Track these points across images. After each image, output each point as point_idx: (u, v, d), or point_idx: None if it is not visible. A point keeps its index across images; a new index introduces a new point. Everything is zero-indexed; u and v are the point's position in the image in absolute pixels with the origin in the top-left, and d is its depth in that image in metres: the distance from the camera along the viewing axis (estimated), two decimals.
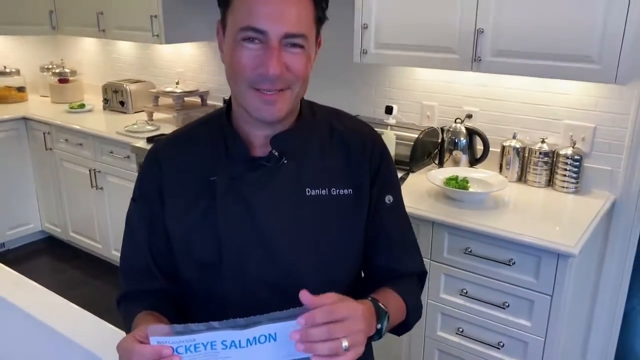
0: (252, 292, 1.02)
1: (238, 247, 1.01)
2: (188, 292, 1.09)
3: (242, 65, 0.92)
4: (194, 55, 3.39)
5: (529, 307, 1.78)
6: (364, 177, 1.07)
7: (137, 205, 1.11)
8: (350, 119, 1.14)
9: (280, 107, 0.95)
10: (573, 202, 2.06)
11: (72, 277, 3.38)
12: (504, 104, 2.30)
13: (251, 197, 1.00)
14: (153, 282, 1.08)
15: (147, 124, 3.15)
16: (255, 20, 0.89)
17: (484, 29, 1.94)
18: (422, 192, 2.11)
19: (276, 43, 0.90)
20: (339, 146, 1.08)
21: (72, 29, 3.58)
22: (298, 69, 0.93)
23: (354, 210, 1.06)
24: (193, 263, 1.04)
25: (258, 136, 1.02)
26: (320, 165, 1.05)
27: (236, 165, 1.02)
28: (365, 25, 2.22)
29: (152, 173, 1.08)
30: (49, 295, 1.33)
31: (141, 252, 1.08)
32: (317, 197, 1.03)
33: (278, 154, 1.02)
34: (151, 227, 1.08)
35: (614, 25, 1.71)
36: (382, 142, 1.13)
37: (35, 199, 3.69)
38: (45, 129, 3.41)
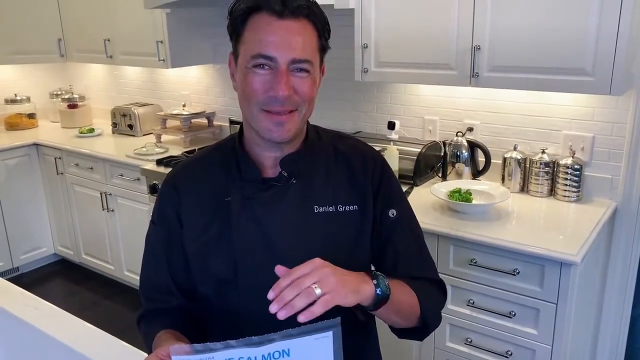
0: (266, 306, 1.07)
1: (252, 263, 1.07)
2: (205, 308, 1.15)
3: (253, 89, 1.00)
4: (200, 78, 3.47)
5: (535, 316, 1.82)
6: (367, 193, 1.14)
7: (156, 227, 1.18)
8: (352, 140, 1.22)
9: (289, 127, 1.03)
10: (575, 210, 2.10)
11: (85, 298, 3.44)
12: (503, 116, 2.36)
13: (263, 216, 1.07)
14: (172, 300, 1.15)
15: (155, 146, 3.22)
16: (265, 48, 0.98)
17: (481, 46, 2.00)
18: (426, 205, 2.15)
19: (284, 68, 0.98)
20: (343, 166, 1.15)
21: (80, 55, 3.68)
22: (304, 92, 1.02)
23: (360, 225, 1.13)
24: (210, 279, 1.11)
25: (268, 158, 1.10)
26: (327, 184, 1.12)
27: (249, 187, 1.09)
28: (365, 44, 2.28)
29: (170, 197, 1.15)
30: (67, 317, 1.38)
31: (161, 272, 1.15)
32: (324, 214, 1.09)
33: (287, 174, 1.09)
34: (170, 247, 1.15)
35: (606, 39, 1.76)
36: (382, 160, 1.20)
37: (47, 223, 3.76)
38: (56, 154, 3.49)
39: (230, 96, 3.32)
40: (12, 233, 3.58)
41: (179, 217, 1.13)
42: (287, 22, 0.99)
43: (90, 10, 3.43)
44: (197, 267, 1.12)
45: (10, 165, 3.52)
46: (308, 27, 1.01)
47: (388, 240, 1.15)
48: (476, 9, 1.98)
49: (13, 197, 3.55)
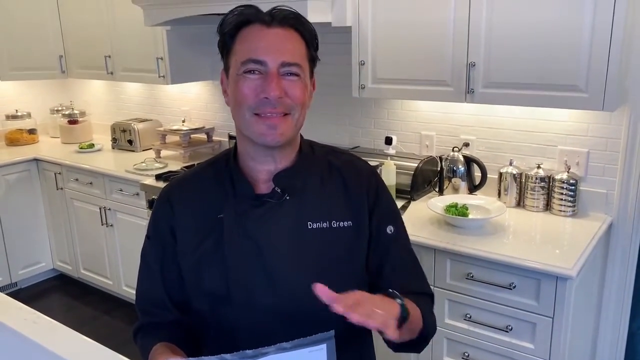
0: (259, 321, 1.08)
1: (245, 280, 1.07)
2: (199, 322, 1.15)
3: (245, 94, 1.02)
4: (199, 94, 3.50)
5: (532, 330, 1.82)
6: (362, 209, 1.14)
7: (151, 242, 1.19)
8: (346, 156, 1.22)
9: (282, 131, 1.03)
10: (571, 225, 2.11)
11: (84, 313, 3.43)
12: (499, 132, 2.38)
13: (256, 232, 1.07)
14: (167, 315, 1.15)
15: (155, 161, 3.24)
16: (254, 53, 1.01)
17: (476, 62, 2.03)
18: (423, 220, 2.17)
19: (274, 70, 1.01)
20: (337, 181, 1.15)
21: (81, 72, 3.72)
22: (296, 95, 1.03)
23: (354, 240, 1.13)
24: (203, 294, 1.11)
25: (262, 172, 1.10)
26: (321, 200, 1.12)
27: (242, 203, 1.09)
28: (362, 61, 2.32)
29: (164, 213, 1.16)
30: (66, 331, 1.38)
31: (156, 287, 1.16)
32: (318, 230, 1.09)
33: (280, 190, 1.09)
34: (164, 262, 1.15)
35: (599, 55, 1.79)
36: (377, 176, 1.21)
37: (46, 238, 3.77)
38: (56, 169, 3.51)
39: (229, 112, 3.33)
40: (11, 248, 3.59)
41: (172, 232, 1.14)
42: (275, 30, 1.03)
43: (91, 27, 3.47)
44: (191, 283, 1.12)
45: (11, 181, 3.54)
46: (296, 35, 1.05)
47: (386, 256, 1.16)
48: (471, 27, 2.02)
49: (13, 212, 3.56)
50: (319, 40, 1.10)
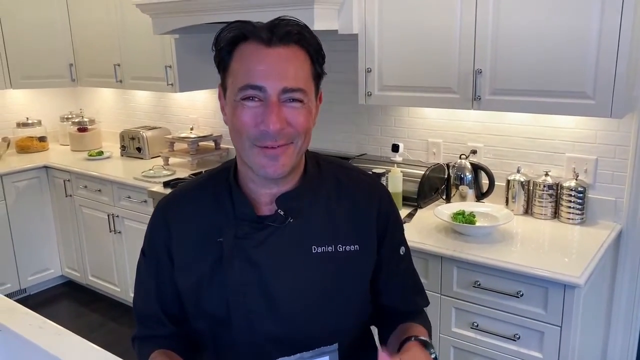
0: (260, 345, 1.05)
1: (245, 305, 1.03)
2: (198, 341, 1.14)
3: (243, 124, 0.94)
4: (207, 102, 3.52)
5: (540, 339, 1.80)
6: (370, 233, 1.09)
7: (146, 258, 1.15)
8: (357, 173, 1.16)
9: (284, 162, 0.96)
10: (579, 233, 2.09)
11: (91, 320, 3.44)
12: (506, 139, 2.37)
13: (257, 257, 1.02)
14: (163, 329, 1.14)
15: (163, 168, 3.26)
16: (252, 78, 0.92)
17: (482, 69, 2.03)
18: (430, 227, 2.16)
19: (275, 99, 0.92)
20: (346, 202, 1.09)
21: (91, 80, 3.75)
22: (299, 123, 0.95)
23: (360, 265, 1.09)
24: (203, 316, 1.08)
25: (263, 195, 1.04)
26: (326, 222, 1.06)
27: (242, 225, 1.03)
28: (368, 69, 2.32)
29: (160, 231, 1.11)
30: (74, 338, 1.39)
31: (150, 302, 1.13)
32: (323, 255, 1.04)
33: (284, 213, 1.03)
34: (159, 279, 1.12)
35: (606, 61, 1.78)
36: (388, 199, 1.15)
37: (55, 245, 3.79)
38: (65, 176, 3.54)
39: None
40: (20, 254, 3.61)
41: (169, 252, 1.09)
42: (276, 50, 0.93)
43: (101, 36, 3.51)
44: (190, 304, 1.09)
45: (21, 187, 3.57)
46: (299, 53, 0.96)
47: (396, 276, 1.16)
48: (477, 34, 2.02)
49: (22, 219, 3.59)
50: (324, 52, 1.02)
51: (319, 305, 1.04)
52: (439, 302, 1.99)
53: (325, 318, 1.06)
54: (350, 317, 1.11)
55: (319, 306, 1.04)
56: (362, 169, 1.23)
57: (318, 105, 1.04)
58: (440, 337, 2.02)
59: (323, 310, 1.05)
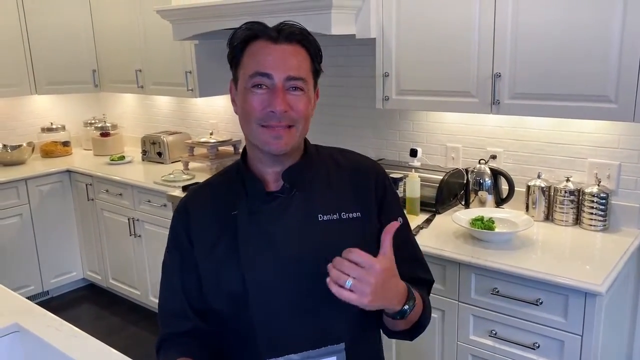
0: (277, 316, 1.11)
1: (260, 275, 1.10)
2: (219, 324, 1.17)
3: (253, 107, 1.07)
4: (227, 107, 3.54)
5: (560, 348, 1.76)
6: (370, 203, 1.19)
7: (170, 251, 1.23)
8: (352, 154, 1.27)
9: (286, 141, 1.09)
10: (601, 240, 2.05)
11: (111, 323, 3.48)
12: (527, 144, 2.33)
13: (270, 227, 1.12)
14: (187, 323, 1.18)
15: (183, 173, 3.29)
16: (262, 67, 1.07)
17: (501, 74, 2.00)
18: (448, 233, 2.13)
19: (280, 85, 1.06)
20: (344, 174, 1.20)
21: (113, 86, 3.81)
22: (300, 109, 1.08)
23: (364, 231, 1.17)
24: (222, 296, 1.14)
25: (270, 173, 1.15)
26: (329, 192, 1.17)
27: (254, 201, 1.14)
28: (386, 73, 2.31)
29: (181, 220, 1.20)
30: (89, 340, 1.40)
31: (176, 295, 1.19)
32: (329, 222, 1.14)
33: (289, 185, 1.14)
34: (183, 269, 1.19)
35: (629, 64, 1.74)
36: (383, 172, 1.26)
37: (77, 248, 3.85)
38: (88, 180, 3.60)
39: None
40: (44, 257, 3.68)
41: (189, 237, 1.17)
42: (282, 46, 1.08)
43: (123, 42, 3.57)
44: (209, 285, 1.15)
45: (44, 191, 3.64)
46: (301, 51, 1.10)
47: (401, 244, 1.19)
48: (496, 38, 1.99)
49: (45, 222, 3.66)
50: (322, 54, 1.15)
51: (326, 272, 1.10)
52: (457, 309, 1.96)
53: None
54: None
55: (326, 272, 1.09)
56: (355, 152, 1.31)
57: (316, 99, 1.17)
58: (458, 345, 1.99)
59: None
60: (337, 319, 1.11)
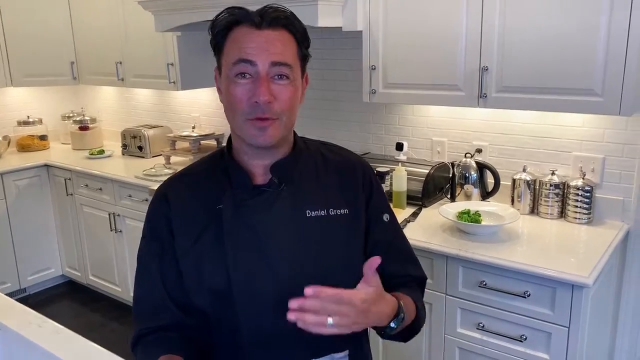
0: (261, 312, 1.08)
1: (245, 271, 1.07)
2: (202, 321, 1.12)
3: (237, 99, 1.04)
4: (209, 100, 3.50)
5: (547, 340, 1.78)
6: (357, 199, 1.17)
7: (147, 241, 1.16)
8: (338, 149, 1.26)
9: (272, 133, 1.05)
10: (586, 232, 2.06)
11: (91, 320, 3.42)
12: (512, 137, 2.34)
13: (256, 221, 1.08)
14: (167, 317, 1.11)
15: (164, 167, 3.23)
16: (244, 53, 1.03)
17: (489, 67, 2.00)
18: (435, 226, 2.13)
19: (264, 73, 1.02)
20: (332, 171, 1.18)
21: (92, 78, 3.73)
22: (284, 100, 1.04)
23: (351, 227, 1.16)
24: (205, 291, 1.09)
25: (257, 166, 1.12)
26: (317, 188, 1.15)
27: (240, 193, 1.10)
28: (373, 66, 2.30)
29: (160, 209, 1.15)
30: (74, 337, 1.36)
31: (155, 287, 1.13)
32: (317, 218, 1.12)
33: (277, 180, 1.11)
34: (162, 260, 1.12)
35: (615, 59, 1.75)
36: (370, 169, 1.24)
37: (56, 244, 3.77)
38: (66, 175, 3.52)
39: None
40: (20, 253, 3.59)
41: (170, 228, 1.12)
42: (266, 32, 1.04)
43: (103, 34, 3.49)
44: (191, 279, 1.10)
45: (21, 186, 3.55)
46: (286, 35, 1.06)
47: (383, 241, 1.21)
48: (484, 30, 1.99)
49: (23, 218, 3.57)
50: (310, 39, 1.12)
51: (315, 266, 1.10)
52: (444, 302, 1.97)
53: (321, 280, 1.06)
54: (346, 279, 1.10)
55: (315, 267, 1.10)
56: (341, 147, 1.29)
57: (304, 86, 1.14)
58: (446, 338, 2.00)
59: (319, 271, 1.10)
60: None
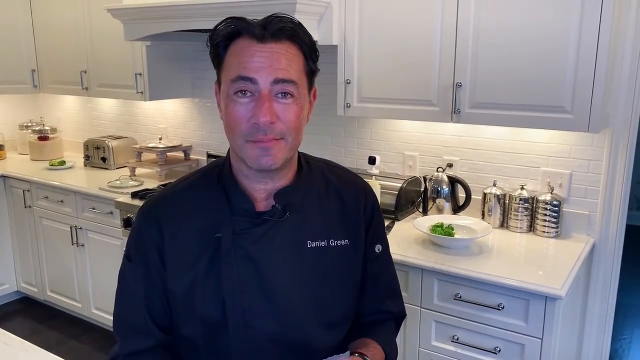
0: (256, 346, 1.03)
1: (242, 303, 1.01)
2: (190, 350, 1.08)
3: (236, 119, 0.96)
4: (177, 111, 3.44)
5: (520, 351, 1.80)
6: (358, 228, 1.12)
7: (132, 264, 1.09)
8: (342, 171, 1.20)
9: (276, 154, 0.97)
10: (554, 246, 2.12)
11: (49, 338, 3.27)
12: (483, 152, 2.40)
13: (256, 253, 1.02)
14: (150, 340, 1.07)
15: (130, 179, 3.15)
16: (244, 70, 0.94)
17: (462, 83, 2.05)
18: (409, 239, 2.14)
19: (266, 91, 0.94)
20: (335, 198, 1.12)
21: (54, 87, 3.61)
22: (289, 119, 0.96)
23: (351, 259, 1.11)
24: (196, 319, 1.04)
25: (258, 190, 1.05)
26: (319, 218, 1.08)
27: (241, 221, 1.03)
28: (347, 80, 2.31)
29: (150, 233, 1.06)
30: (38, 352, 1.32)
31: (138, 310, 1.07)
32: (317, 249, 1.06)
33: (282, 208, 1.04)
34: (148, 285, 1.07)
35: (584, 77, 1.82)
36: (373, 194, 1.19)
37: (11, 259, 3.60)
38: (25, 186, 3.38)
39: (208, 130, 3.30)
40: None
41: (161, 256, 1.05)
42: (269, 45, 0.95)
43: (67, 41, 3.39)
44: (182, 308, 1.05)
45: None
46: (292, 48, 0.97)
47: (369, 274, 1.16)
48: (458, 46, 2.03)
49: None
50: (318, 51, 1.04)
51: (313, 300, 1.06)
52: (419, 315, 1.98)
53: (318, 312, 1.06)
54: (342, 311, 1.11)
55: (312, 300, 1.05)
56: (345, 167, 1.24)
57: (312, 101, 1.07)
58: (420, 351, 2.00)
59: (316, 304, 1.06)
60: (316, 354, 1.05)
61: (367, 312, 1.17)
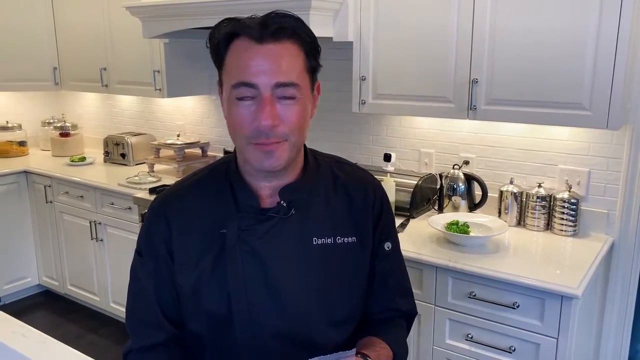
0: (262, 342, 1.04)
1: (248, 299, 1.02)
2: (197, 345, 1.09)
3: (239, 122, 0.96)
4: (195, 108, 3.47)
5: (535, 351, 1.78)
6: (366, 225, 1.11)
7: (143, 259, 1.11)
8: (351, 167, 1.19)
9: (279, 156, 0.97)
10: (572, 245, 2.09)
11: (69, 331, 3.33)
12: (500, 150, 2.37)
13: (261, 249, 1.02)
14: (161, 334, 1.08)
15: (148, 175, 3.19)
16: (245, 75, 0.93)
17: (478, 79, 2.02)
18: (424, 237, 2.13)
19: (267, 95, 0.93)
20: (342, 194, 1.11)
21: (75, 84, 3.67)
22: (291, 121, 0.96)
23: (358, 256, 1.10)
24: (202, 315, 1.05)
25: (264, 187, 1.06)
26: (326, 214, 1.08)
27: (246, 217, 1.04)
28: (363, 77, 2.30)
29: (159, 228, 1.08)
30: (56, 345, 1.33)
31: (149, 306, 1.09)
32: (323, 246, 1.06)
33: (287, 204, 1.04)
34: (158, 280, 1.08)
35: (603, 73, 1.79)
36: (382, 191, 1.18)
37: (33, 253, 3.67)
38: (46, 182, 3.44)
39: (225, 127, 3.30)
40: None
41: (169, 250, 1.07)
42: (268, 46, 0.93)
43: (87, 39, 3.44)
44: (188, 303, 1.06)
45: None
46: (292, 48, 0.96)
47: (379, 272, 1.15)
48: (474, 43, 2.01)
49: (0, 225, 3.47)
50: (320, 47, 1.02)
51: (319, 297, 1.05)
52: (433, 313, 1.96)
53: (325, 309, 1.06)
54: (349, 308, 1.11)
55: (319, 297, 1.05)
56: (355, 164, 1.23)
57: (316, 97, 1.06)
58: (434, 350, 1.99)
59: (323, 301, 1.06)
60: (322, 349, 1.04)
61: (376, 310, 1.17)
